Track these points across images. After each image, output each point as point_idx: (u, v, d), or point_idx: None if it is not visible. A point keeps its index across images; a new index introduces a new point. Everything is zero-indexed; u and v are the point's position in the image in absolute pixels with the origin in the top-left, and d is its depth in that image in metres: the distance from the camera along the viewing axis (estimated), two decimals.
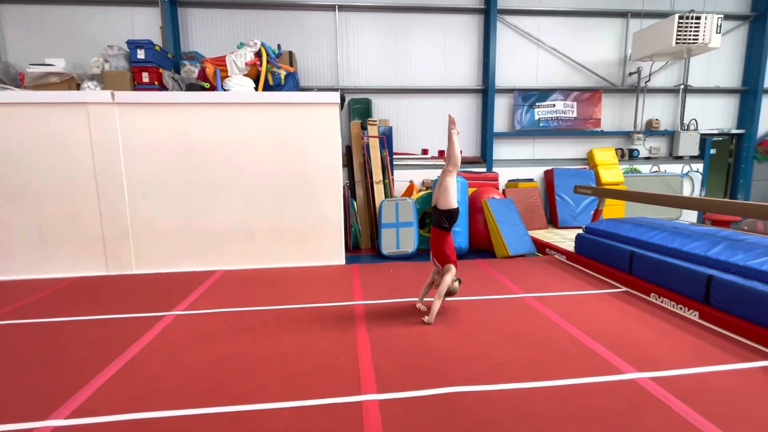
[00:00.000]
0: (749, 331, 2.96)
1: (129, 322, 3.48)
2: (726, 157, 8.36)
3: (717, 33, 6.17)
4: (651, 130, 7.88)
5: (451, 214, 3.35)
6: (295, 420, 2.13)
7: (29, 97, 4.76)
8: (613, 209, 7.21)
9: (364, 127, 6.62)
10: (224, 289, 4.37)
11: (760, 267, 3.10)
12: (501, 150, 7.69)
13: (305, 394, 2.35)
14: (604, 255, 4.68)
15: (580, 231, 5.39)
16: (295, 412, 2.19)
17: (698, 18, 6.11)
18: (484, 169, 7.43)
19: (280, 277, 4.77)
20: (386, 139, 6.80)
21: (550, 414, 2.15)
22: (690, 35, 6.10)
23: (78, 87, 5.62)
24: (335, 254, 5.28)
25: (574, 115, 7.60)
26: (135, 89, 5.56)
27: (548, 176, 7.51)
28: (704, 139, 7.95)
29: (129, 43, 5.58)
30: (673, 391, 2.33)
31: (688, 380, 2.45)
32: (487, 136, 7.41)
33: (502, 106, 7.58)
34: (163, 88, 5.66)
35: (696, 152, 7.91)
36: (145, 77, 5.61)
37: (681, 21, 6.07)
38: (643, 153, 8.01)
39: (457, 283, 3.45)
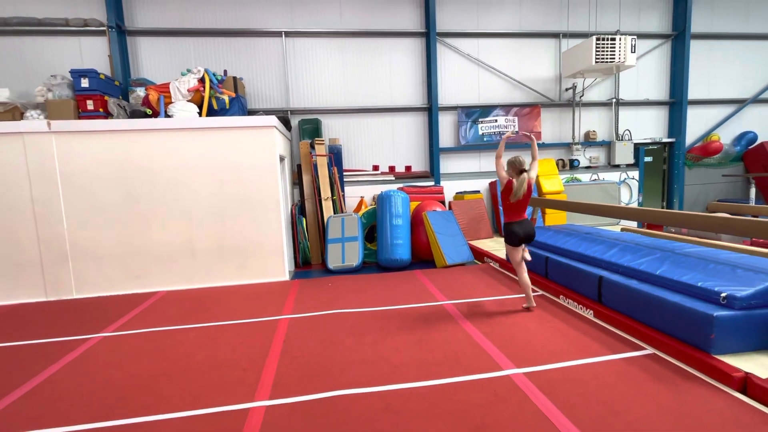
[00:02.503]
0: (627, 326, 3.25)
1: (53, 346, 3.55)
2: (661, 164, 8.91)
3: (632, 52, 6.72)
4: (589, 141, 8.37)
5: None
6: (184, 428, 2.27)
7: None
8: (555, 217, 7.59)
9: (313, 147, 6.87)
10: (160, 309, 4.47)
11: (637, 267, 3.42)
12: (449, 164, 8.05)
13: (200, 404, 2.50)
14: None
15: None
16: (184, 421, 2.34)
17: (613, 39, 6.65)
18: (431, 183, 7.75)
19: (219, 295, 4.89)
20: (336, 157, 7.06)
21: (420, 410, 2.35)
22: (607, 55, 6.62)
23: (22, 116, 5.72)
24: (277, 271, 5.44)
25: (516, 129, 8.03)
26: (80, 117, 5.69)
27: (493, 188, 7.87)
28: (638, 148, 8.48)
29: (72, 72, 5.72)
30: (538, 383, 2.57)
31: (555, 373, 2.70)
32: (433, 151, 7.75)
33: (447, 122, 7.97)
34: (108, 115, 5.80)
35: (632, 160, 8.42)
36: (90, 105, 5.74)
37: (598, 42, 6.60)
38: (584, 162, 8.48)
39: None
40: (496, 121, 7.95)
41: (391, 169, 7.85)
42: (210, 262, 5.29)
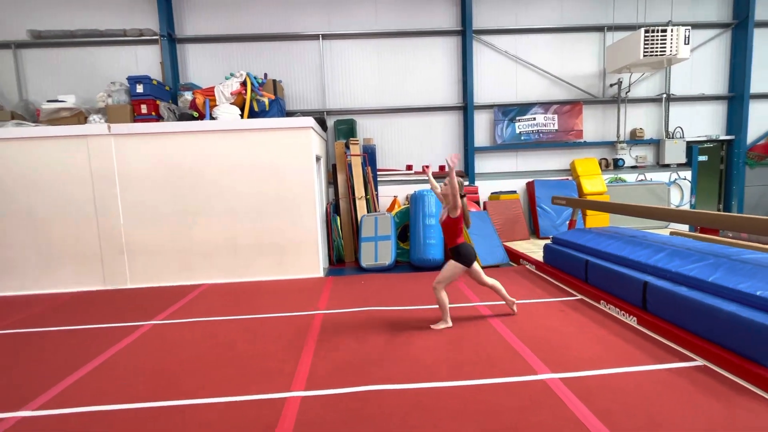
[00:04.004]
0: (674, 335, 3.07)
1: (112, 330, 3.87)
2: (717, 163, 8.27)
3: (685, 44, 6.28)
4: (635, 139, 7.93)
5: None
6: (225, 412, 2.42)
7: (41, 132, 5.38)
8: (596, 219, 7.27)
9: (347, 147, 7.00)
10: (204, 300, 4.74)
11: (688, 273, 3.22)
12: (484, 164, 7.91)
13: (241, 391, 2.64)
14: (566, 264, 4.82)
15: (549, 241, 5.52)
16: (227, 406, 2.48)
17: (664, 31, 6.25)
18: (465, 183, 7.65)
19: (258, 289, 5.11)
20: (370, 156, 7.15)
21: (451, 409, 2.36)
22: (657, 47, 6.24)
23: (85, 120, 6.25)
24: (312, 268, 5.60)
25: (555, 127, 7.76)
26: (135, 120, 6.14)
27: (530, 188, 7.65)
28: (691, 147, 7.93)
29: (129, 78, 6.19)
30: (575, 390, 2.49)
31: (593, 380, 2.60)
32: (468, 150, 7.66)
33: (482, 121, 7.84)
34: (160, 118, 6.22)
35: (683, 159, 7.89)
36: (144, 109, 6.19)
37: (647, 34, 6.23)
38: (629, 162, 8.05)
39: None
40: (534, 119, 7.72)
41: (424, 168, 7.78)
42: (250, 257, 5.54)
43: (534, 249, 6.32)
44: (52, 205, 5.30)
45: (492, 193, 7.65)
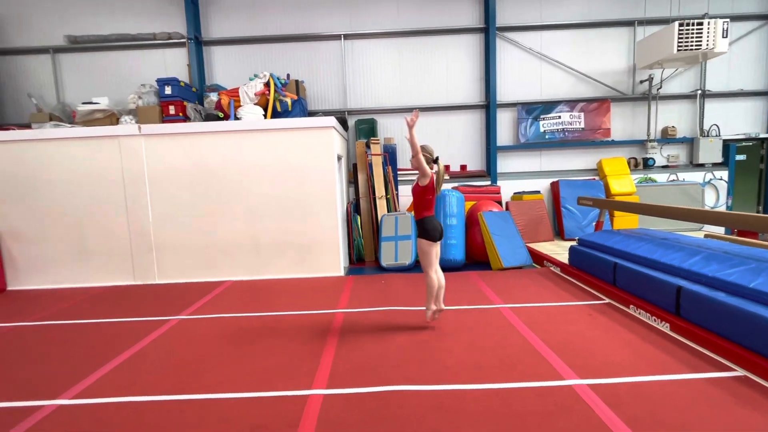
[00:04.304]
0: (711, 343, 2.92)
1: (141, 324, 4.00)
2: (757, 162, 7.83)
3: (723, 37, 5.97)
4: (667, 137, 7.60)
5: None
6: (247, 408, 2.45)
7: (77, 133, 5.62)
8: (624, 220, 7.01)
9: (368, 146, 7.01)
10: (228, 297, 4.84)
11: (726, 278, 3.05)
12: (507, 163, 7.76)
13: (263, 387, 2.68)
14: (593, 267, 4.67)
15: (574, 243, 5.36)
16: (250, 402, 2.52)
17: (700, 24, 5.96)
18: (487, 183, 7.53)
19: (279, 287, 5.18)
20: (390, 156, 7.13)
21: (473, 412, 2.31)
22: (692, 41, 5.95)
23: (117, 121, 6.50)
24: (332, 266, 5.63)
25: (582, 125, 7.54)
26: (163, 121, 6.34)
27: (554, 188, 7.45)
28: (728, 145, 7.54)
29: (158, 81, 6.40)
30: (603, 396, 2.40)
31: (624, 387, 2.50)
32: (490, 149, 7.53)
33: (505, 120, 7.69)
34: (187, 118, 6.39)
35: (719, 159, 7.51)
36: (172, 110, 6.38)
37: (681, 28, 5.95)
38: (660, 161, 7.72)
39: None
40: (559, 117, 7.52)
41: (446, 168, 7.74)
42: (272, 255, 5.62)
43: (558, 251, 6.16)
44: (87, 203, 5.53)
45: (515, 193, 7.50)
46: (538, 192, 7.44)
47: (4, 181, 5.54)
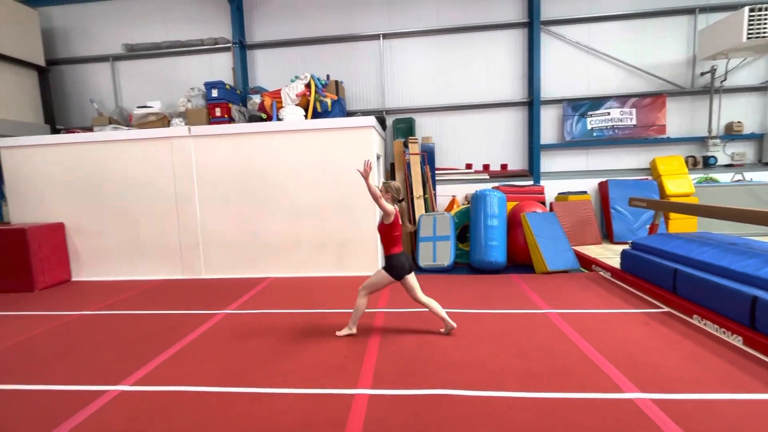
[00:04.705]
0: None
1: (191, 317, 4.17)
2: None
3: None
4: (732, 134, 7.00)
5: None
6: (295, 403, 2.48)
7: (133, 135, 5.97)
8: (682, 224, 6.52)
9: (406, 145, 6.96)
10: (270, 293, 4.96)
11: None
12: (550, 162, 7.45)
13: (308, 384, 2.70)
14: (649, 272, 4.36)
15: (627, 247, 5.04)
16: (296, 398, 2.54)
17: None
18: (530, 182, 7.26)
19: (319, 285, 5.24)
20: (428, 155, 7.04)
21: (525, 422, 2.21)
22: (765, 28, 5.42)
23: (169, 123, 6.86)
24: (371, 265, 5.62)
25: (634, 122, 7.09)
26: (209, 123, 6.61)
27: (603, 188, 7.06)
28: None
29: (206, 84, 6.69)
30: (672, 414, 2.22)
31: (696, 405, 2.30)
32: (533, 148, 7.25)
33: (549, 117, 7.38)
34: (231, 120, 6.63)
35: None
36: (218, 112, 6.64)
37: (752, 13, 5.44)
38: (723, 160, 7.12)
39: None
40: (608, 114, 7.13)
41: (486, 167, 7.56)
42: (312, 253, 5.70)
43: (608, 254, 5.82)
44: (141, 201, 5.87)
45: (559, 194, 7.18)
46: (585, 192, 7.08)
47: (70, 179, 5.99)
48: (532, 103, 7.25)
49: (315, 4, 7.59)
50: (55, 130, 7.80)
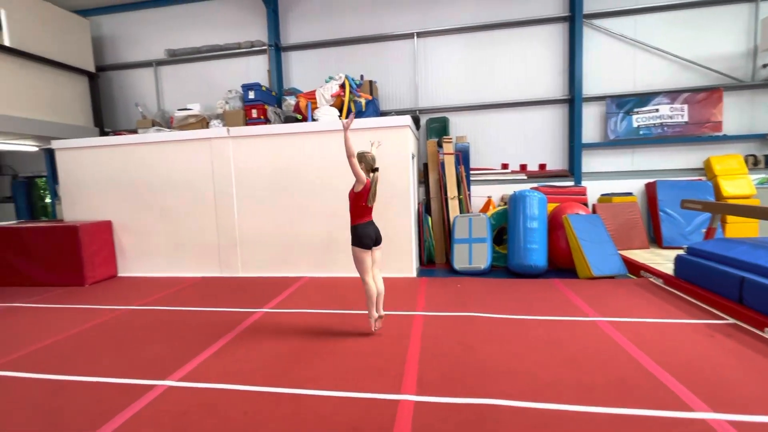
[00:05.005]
0: None
1: (230, 315, 4.24)
2: None
3: None
4: None
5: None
6: (339, 407, 2.43)
7: (174, 136, 6.17)
8: (741, 228, 6.04)
9: (440, 145, 6.83)
10: (306, 292, 4.97)
11: None
12: (593, 162, 7.10)
13: (352, 386, 2.65)
14: (709, 280, 4.03)
15: (682, 252, 4.71)
16: (340, 401, 2.49)
17: None
18: (570, 183, 6.95)
19: (353, 285, 5.20)
20: (463, 155, 6.89)
21: None
22: None
23: (207, 125, 7.05)
24: (405, 267, 5.55)
25: (685, 119, 6.65)
26: (246, 124, 6.74)
27: (650, 189, 6.65)
28: None
29: (243, 86, 6.83)
30: None
31: None
32: (574, 147, 6.94)
33: (591, 115, 7.04)
34: (267, 121, 6.74)
35: None
36: (254, 113, 6.76)
37: None
38: None
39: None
40: (657, 110, 6.72)
41: (523, 167, 7.31)
42: (346, 253, 5.66)
43: (657, 260, 5.47)
44: (182, 200, 6.05)
45: (602, 195, 6.83)
46: (631, 194, 6.70)
47: (117, 179, 6.26)
48: (572, 101, 6.94)
49: (348, 4, 7.60)
50: (103, 133, 8.21)
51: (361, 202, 3.36)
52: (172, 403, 2.55)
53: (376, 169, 3.41)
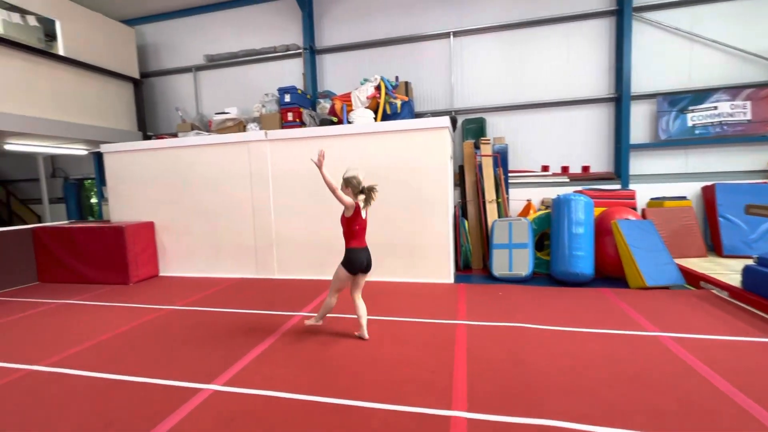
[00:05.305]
0: None
1: (268, 318, 4.23)
2: None
3: None
4: None
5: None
6: (387, 421, 2.32)
7: (213, 140, 6.29)
8: None
9: (477, 147, 6.64)
10: (342, 297, 4.88)
11: None
12: (641, 164, 6.69)
13: (398, 399, 2.53)
14: None
15: (751, 262, 4.30)
16: (388, 414, 2.39)
17: None
18: (617, 186, 6.57)
19: (389, 290, 5.11)
20: (501, 157, 6.66)
21: None
22: None
23: (244, 128, 7.16)
24: (443, 273, 5.39)
25: (748, 117, 6.14)
26: (282, 127, 6.79)
27: (708, 193, 6.18)
28: None
29: (279, 90, 6.89)
30: None
31: None
32: (621, 148, 6.56)
33: (640, 113, 6.63)
34: (302, 124, 6.76)
35: None
36: (290, 116, 6.80)
37: None
38: None
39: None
40: (715, 108, 6.24)
41: (564, 169, 6.98)
42: (380, 257, 5.57)
43: (718, 269, 5.05)
44: (221, 202, 6.16)
45: (652, 199, 6.42)
46: (685, 198, 6.25)
47: (159, 181, 6.46)
48: (619, 99, 6.57)
49: (382, 6, 7.54)
50: (146, 137, 8.53)
51: (353, 225, 3.42)
52: (218, 408, 2.52)
53: (369, 189, 3.42)
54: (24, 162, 9.98)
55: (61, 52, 6.83)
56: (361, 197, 3.41)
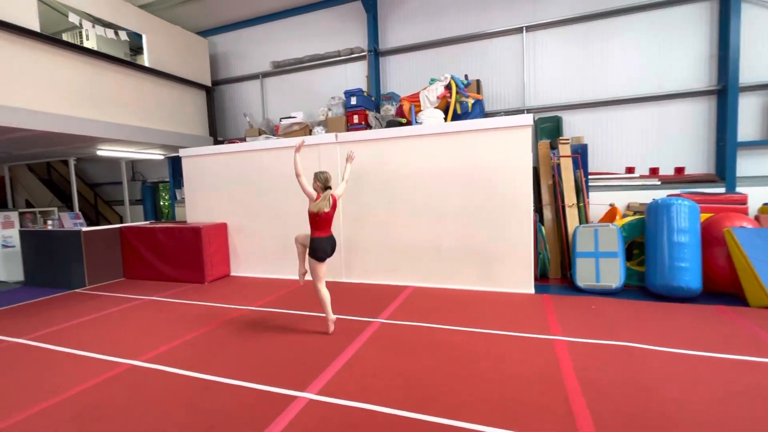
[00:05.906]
0: None
1: (347, 322, 4.13)
2: None
3: None
4: None
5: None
6: None
7: (283, 143, 6.39)
8: None
9: (553, 147, 6.19)
10: (416, 303, 4.71)
11: None
12: (751, 164, 5.87)
13: (515, 423, 2.28)
14: None
15: None
16: None
17: None
18: (721, 189, 5.81)
19: (465, 298, 4.84)
20: (580, 158, 6.15)
21: None
22: None
23: (310, 132, 7.23)
24: (523, 282, 5.02)
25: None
26: (348, 130, 6.77)
27: None
28: None
29: (345, 92, 6.88)
30: None
31: None
32: (726, 147, 5.80)
33: (749, 107, 5.83)
34: (368, 126, 6.69)
35: None
36: (356, 119, 6.77)
37: None
38: None
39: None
40: None
41: (653, 171, 6.31)
42: (454, 263, 5.34)
43: None
44: (291, 204, 6.22)
45: (765, 204, 5.60)
46: None
47: (229, 184, 6.67)
48: (723, 91, 5.83)
49: (449, 4, 7.31)
50: (216, 142, 8.92)
51: (315, 217, 3.76)
52: (318, 418, 2.41)
53: (329, 188, 3.82)
54: (109, 166, 10.88)
55: (146, 63, 7.30)
56: (325, 193, 3.77)
